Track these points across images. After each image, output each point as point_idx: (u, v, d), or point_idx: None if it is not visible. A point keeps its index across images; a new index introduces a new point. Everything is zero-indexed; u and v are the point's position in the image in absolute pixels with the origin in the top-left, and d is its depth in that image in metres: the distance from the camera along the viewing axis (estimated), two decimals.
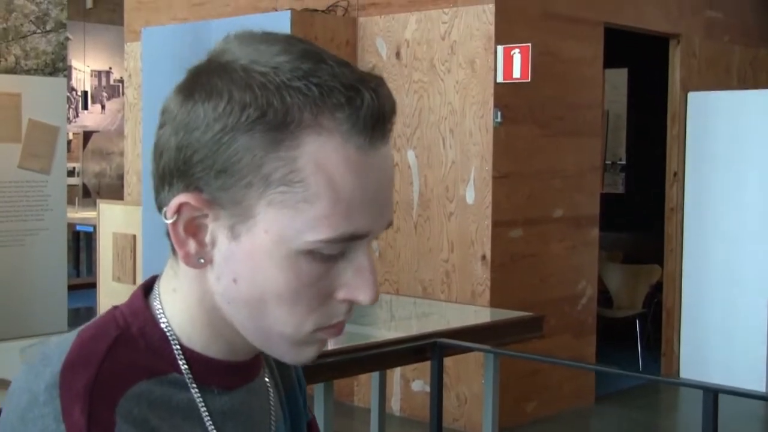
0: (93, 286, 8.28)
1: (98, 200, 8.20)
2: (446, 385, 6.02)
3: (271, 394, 1.18)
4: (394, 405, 6.68)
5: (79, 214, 10.89)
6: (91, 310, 9.37)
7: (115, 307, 1.08)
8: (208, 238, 1.01)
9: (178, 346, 1.06)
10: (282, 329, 1.02)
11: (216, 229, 1.01)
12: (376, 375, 4.85)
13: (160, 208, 1.04)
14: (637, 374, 6.29)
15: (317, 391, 4.08)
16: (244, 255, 1.00)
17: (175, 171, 1.01)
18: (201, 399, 1.06)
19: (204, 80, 1.00)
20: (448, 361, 5.25)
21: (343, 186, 0.97)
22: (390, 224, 1.05)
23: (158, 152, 1.03)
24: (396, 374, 6.59)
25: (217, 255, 1.02)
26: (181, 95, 1.01)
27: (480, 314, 5.67)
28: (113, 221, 7.71)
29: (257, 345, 1.06)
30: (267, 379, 1.18)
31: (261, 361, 1.14)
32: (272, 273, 0.99)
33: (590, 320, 7.05)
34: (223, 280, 1.02)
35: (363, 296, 1.02)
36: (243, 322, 1.04)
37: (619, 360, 7.96)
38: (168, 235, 1.04)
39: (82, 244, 12.06)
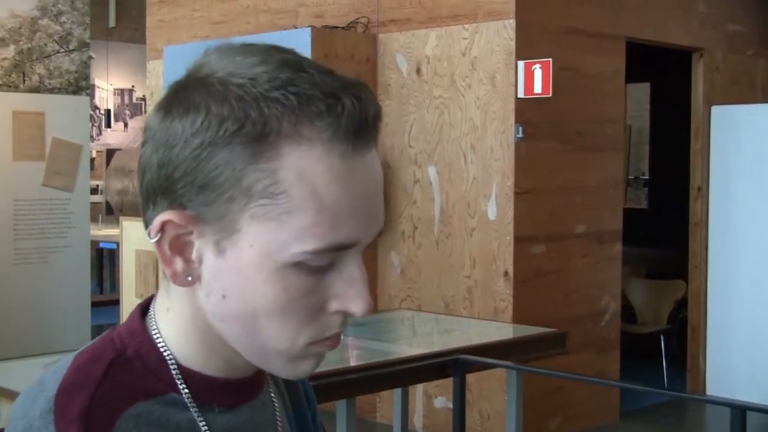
0: (116, 303, 8.29)
1: (121, 218, 8.22)
2: (469, 401, 5.99)
3: (278, 410, 1.15)
4: (417, 422, 6.65)
5: (102, 232, 10.92)
6: (114, 327, 9.34)
7: (114, 328, 1.07)
8: (194, 255, 0.99)
9: (176, 366, 1.04)
10: (276, 344, 1.00)
11: (202, 246, 0.99)
12: (398, 391, 4.83)
13: (146, 227, 1.02)
14: (663, 391, 6.24)
15: (339, 407, 4.07)
16: (231, 270, 0.98)
17: (158, 189, 0.99)
18: (202, 419, 1.03)
19: (182, 95, 0.98)
20: (471, 378, 5.23)
21: (327, 195, 0.95)
22: (380, 231, 1.02)
23: (141, 170, 1.01)
24: (419, 391, 6.57)
25: (205, 272, 0.99)
26: (160, 112, 1.00)
27: (502, 330, 5.64)
28: (136, 238, 7.72)
29: (254, 361, 1.04)
30: (272, 395, 1.15)
31: (264, 376, 1.12)
32: (260, 287, 0.97)
33: (614, 336, 7.01)
34: (212, 297, 1.00)
35: (355, 307, 1.00)
36: (237, 339, 1.02)
37: (643, 376, 7.89)
38: None
39: (105, 261, 12.09)
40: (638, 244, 8.79)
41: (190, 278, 1.00)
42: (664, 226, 9.66)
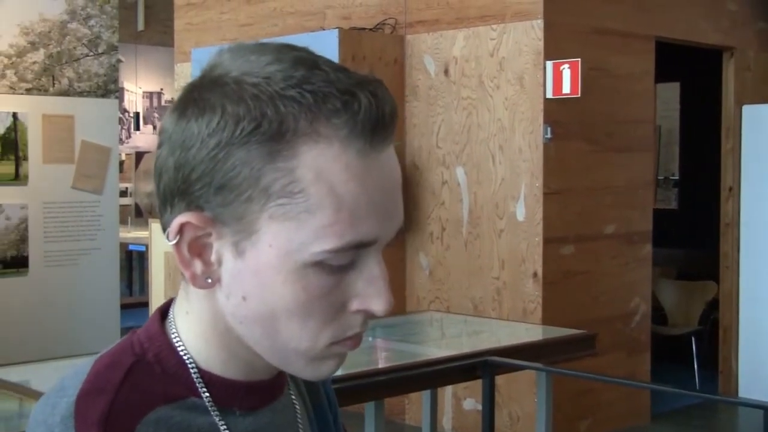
0: (145, 305, 8.34)
1: (150, 220, 8.25)
2: (498, 403, 5.96)
3: (299, 413, 1.14)
4: (446, 423, 6.63)
5: (131, 234, 10.98)
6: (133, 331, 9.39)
7: (133, 332, 1.06)
8: (213, 257, 0.99)
9: (196, 370, 1.03)
10: (296, 345, 0.99)
11: (221, 248, 0.98)
12: (427, 393, 4.82)
13: (164, 230, 1.01)
14: (694, 393, 6.19)
15: (368, 409, 4.06)
16: (250, 271, 0.97)
17: (175, 191, 0.98)
18: (223, 422, 1.03)
19: (197, 96, 0.98)
20: (500, 380, 5.21)
21: (345, 193, 0.95)
22: (400, 228, 1.01)
23: (158, 173, 1.00)
24: (447, 392, 6.55)
25: (224, 274, 0.99)
26: (175, 113, 0.99)
27: (531, 332, 5.62)
28: (165, 240, 7.73)
29: (274, 363, 1.03)
30: (293, 397, 1.14)
31: (285, 378, 1.11)
32: (280, 288, 0.96)
33: (644, 338, 6.96)
34: (232, 299, 0.99)
35: (376, 306, 0.99)
36: (257, 341, 1.01)
37: (674, 378, 7.84)
38: None
39: (134, 264, 12.16)
40: (668, 244, 8.73)
41: (209, 280, 0.99)
42: (695, 227, 9.59)
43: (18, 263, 6.77)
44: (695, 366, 8.07)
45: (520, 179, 6.28)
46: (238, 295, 0.98)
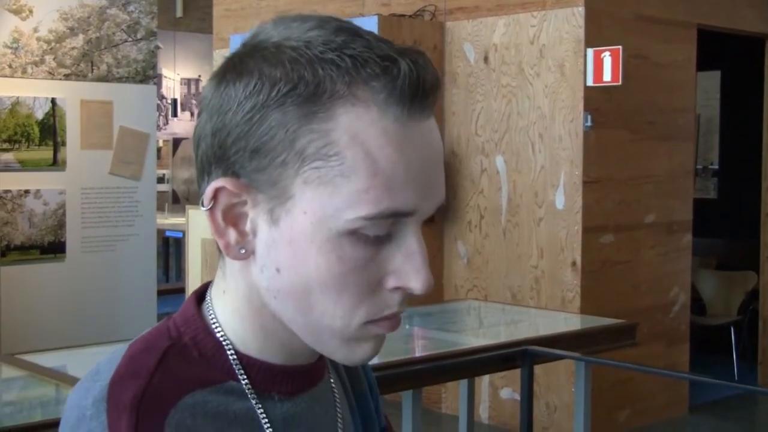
0: (182, 291, 8.35)
1: (187, 206, 8.26)
2: (536, 393, 5.92)
3: (338, 400, 1.12)
4: (483, 413, 6.61)
5: (168, 221, 11.01)
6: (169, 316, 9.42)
7: (169, 317, 1.04)
8: (248, 227, 0.97)
9: (234, 353, 1.01)
10: (330, 322, 0.96)
11: (256, 216, 0.96)
12: (464, 382, 4.79)
13: (201, 202, 0.99)
14: (733, 384, 6.13)
15: (405, 398, 4.04)
16: (285, 241, 0.95)
17: (212, 157, 0.97)
18: (260, 407, 1.01)
19: (237, 62, 0.97)
20: (538, 369, 5.17)
21: (381, 158, 0.92)
22: (441, 204, 0.98)
23: (196, 142, 0.99)
24: (484, 381, 6.52)
25: (259, 244, 0.97)
26: (214, 80, 0.98)
27: (570, 321, 5.58)
28: (202, 227, 7.75)
29: (308, 342, 1.00)
30: (333, 384, 1.12)
31: (325, 364, 1.09)
32: (315, 258, 0.94)
33: (683, 328, 6.90)
34: (266, 272, 0.97)
35: (414, 283, 0.95)
36: (292, 317, 0.98)
37: (713, 369, 7.77)
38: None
39: (171, 250, 12.20)
40: (708, 234, 8.65)
41: (243, 251, 0.98)
42: (735, 217, 9.49)
43: (56, 249, 6.80)
44: (734, 357, 8.00)
45: (559, 167, 6.23)
46: (272, 267, 0.96)
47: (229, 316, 1.02)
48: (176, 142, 13.26)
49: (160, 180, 11.47)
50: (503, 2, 6.56)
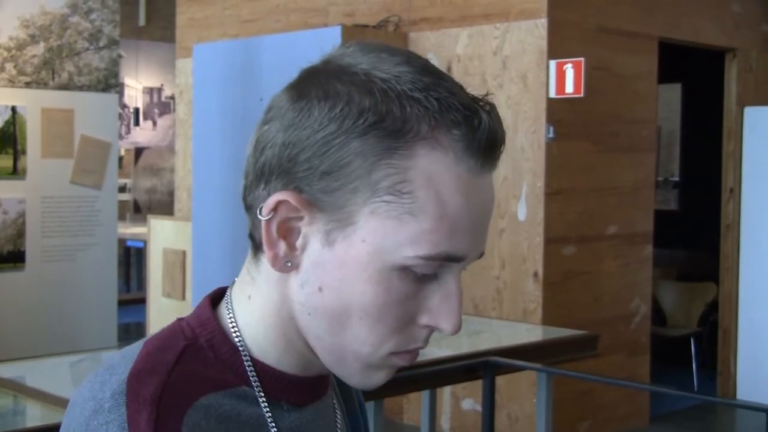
0: (143, 301, 8.31)
1: (149, 216, 8.22)
2: (497, 403, 5.93)
3: (338, 415, 1.14)
4: (444, 423, 6.60)
5: (129, 230, 10.95)
6: (140, 326, 9.38)
7: (181, 319, 1.05)
8: (299, 242, 0.98)
9: (249, 359, 1.02)
10: (359, 348, 0.99)
11: (309, 233, 0.98)
12: (426, 393, 4.79)
13: (248, 207, 1.01)
14: (694, 395, 6.16)
15: (367, 409, 4.03)
16: (335, 263, 0.97)
17: (276, 168, 0.98)
18: (270, 415, 1.02)
19: (323, 80, 0.98)
20: (500, 380, 5.19)
21: (450, 204, 0.95)
22: (482, 254, 1.01)
23: (259, 148, 1.00)
24: (446, 392, 6.52)
25: (305, 260, 0.98)
26: (294, 93, 0.99)
27: (532, 332, 5.59)
28: (164, 237, 7.73)
29: (326, 362, 1.02)
30: (334, 399, 1.14)
31: (329, 379, 1.11)
32: (362, 285, 0.96)
33: (644, 339, 6.94)
34: (307, 288, 0.99)
35: (446, 324, 0.99)
36: (319, 336, 1.00)
37: (673, 380, 7.82)
38: (251, 236, 1.02)
39: (132, 260, 12.13)
40: (668, 245, 8.71)
41: (289, 264, 0.99)
42: (695, 228, 9.56)
43: (15, 258, 6.75)
44: (694, 368, 8.05)
45: (522, 179, 6.25)
46: (314, 285, 0.98)
47: (251, 321, 1.04)
48: (138, 151, 13.18)
49: (122, 189, 11.41)
50: (467, 13, 6.58)
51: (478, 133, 0.95)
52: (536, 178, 6.18)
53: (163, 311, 7.61)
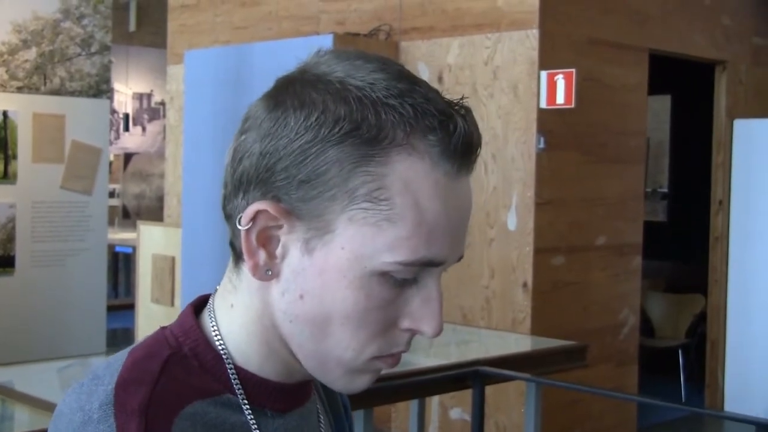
0: (130, 307, 8.29)
1: (138, 222, 8.21)
2: (485, 413, 5.94)
3: (322, 419, 1.15)
4: None
5: (118, 236, 10.94)
6: (128, 332, 9.36)
7: (164, 328, 1.06)
8: (279, 251, 0.99)
9: (232, 366, 1.03)
10: (341, 354, 1.00)
11: (288, 242, 0.98)
12: (414, 402, 4.80)
13: (228, 217, 1.02)
14: (681, 406, 6.18)
15: (356, 418, 4.03)
16: (315, 271, 0.97)
17: (254, 178, 0.98)
18: (254, 422, 1.03)
19: (298, 89, 0.98)
20: (488, 389, 5.19)
21: (428, 209, 0.96)
22: (461, 257, 1.02)
23: (237, 158, 1.00)
24: (434, 402, 6.52)
25: (285, 269, 0.99)
26: (270, 102, 1.00)
27: (521, 342, 5.60)
28: (153, 243, 7.72)
29: (309, 368, 1.03)
30: (318, 404, 1.15)
31: (312, 384, 1.12)
32: (342, 292, 0.97)
33: (632, 350, 6.95)
34: (288, 296, 0.99)
35: (427, 327, 1.00)
36: (302, 343, 1.01)
37: (661, 391, 7.84)
38: (232, 244, 1.03)
39: (120, 265, 12.12)
40: (657, 257, 8.73)
41: (269, 273, 1.00)
42: (684, 240, 9.60)
43: (4, 263, 6.73)
44: (681, 379, 8.07)
45: (512, 188, 6.27)
46: (295, 293, 0.99)
47: (233, 329, 1.04)
48: (127, 157, 13.18)
49: (111, 195, 11.39)
50: (458, 23, 6.60)
51: (454, 137, 0.96)
52: (526, 188, 6.19)
53: (151, 317, 7.60)
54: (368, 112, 0.95)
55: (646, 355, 7.49)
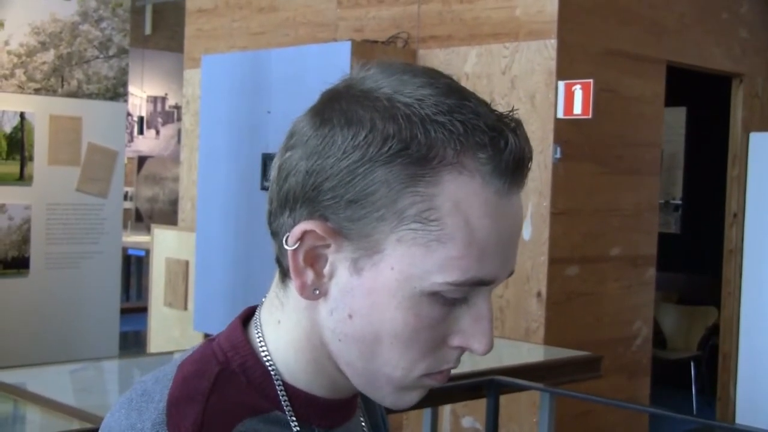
0: (142, 310, 8.31)
1: (152, 225, 8.23)
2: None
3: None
4: None
5: (131, 239, 10.96)
6: (139, 335, 9.37)
7: (211, 340, 1.05)
8: (326, 270, 0.98)
9: (281, 383, 1.02)
10: (391, 372, 0.99)
11: (336, 261, 0.97)
12: (428, 411, 4.79)
13: (274, 234, 1.00)
14: (694, 418, 6.17)
15: None
16: (364, 290, 0.96)
17: (300, 196, 0.97)
18: None
19: (344, 106, 0.96)
20: (501, 399, 5.19)
21: (478, 229, 0.94)
22: (512, 273, 1.01)
23: (283, 175, 0.99)
24: (446, 410, 6.52)
25: (333, 288, 0.98)
26: (316, 119, 0.98)
27: (534, 352, 5.60)
28: (166, 246, 7.73)
29: (358, 385, 1.02)
30: (362, 418, 1.15)
31: (357, 399, 1.11)
32: (392, 312, 0.96)
33: (645, 361, 6.94)
34: (336, 315, 0.98)
35: (478, 345, 0.99)
36: (351, 361, 1.00)
37: (673, 403, 7.82)
38: (278, 261, 1.02)
39: (132, 269, 12.13)
40: (670, 269, 8.72)
41: (317, 292, 0.99)
42: (697, 252, 9.58)
43: (19, 264, 6.75)
44: (693, 391, 8.05)
45: (527, 198, 6.26)
46: (344, 312, 0.98)
47: (281, 346, 1.03)
48: (141, 160, 13.21)
49: (124, 197, 11.42)
50: (476, 32, 6.60)
51: (505, 154, 0.95)
52: (542, 197, 6.19)
53: (163, 321, 7.61)
54: (417, 130, 0.93)
55: (657, 367, 7.48)
